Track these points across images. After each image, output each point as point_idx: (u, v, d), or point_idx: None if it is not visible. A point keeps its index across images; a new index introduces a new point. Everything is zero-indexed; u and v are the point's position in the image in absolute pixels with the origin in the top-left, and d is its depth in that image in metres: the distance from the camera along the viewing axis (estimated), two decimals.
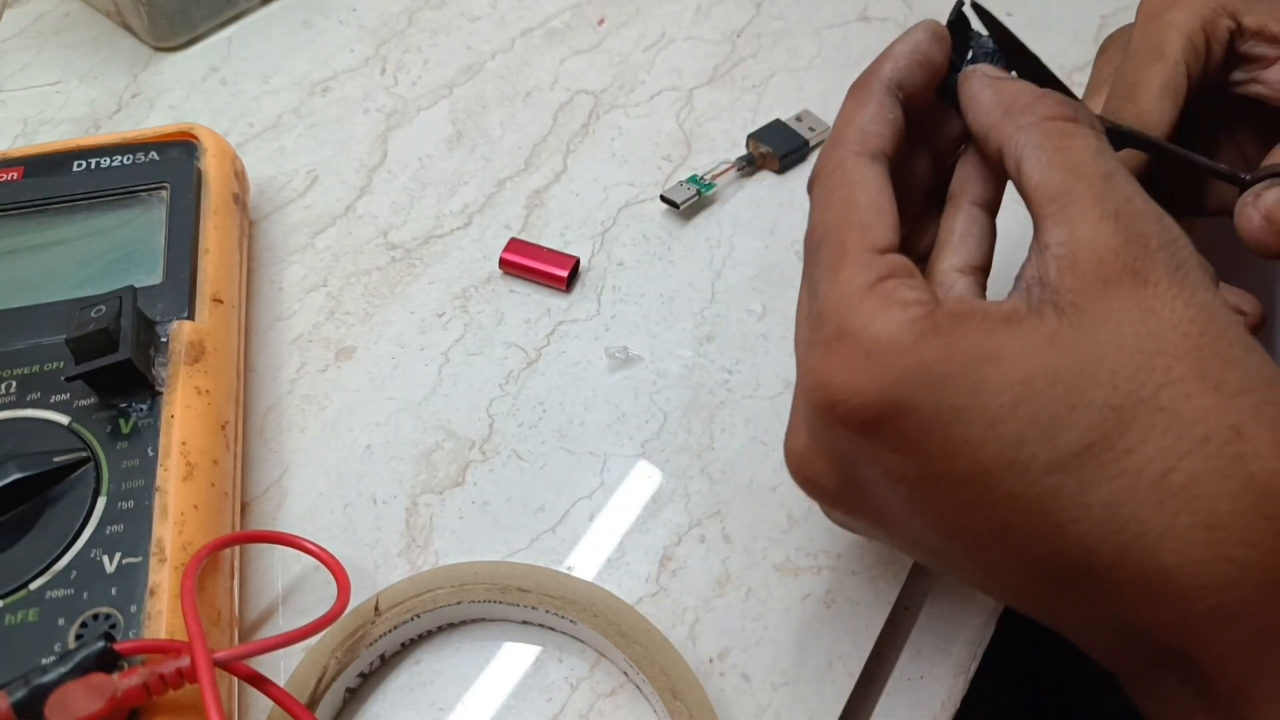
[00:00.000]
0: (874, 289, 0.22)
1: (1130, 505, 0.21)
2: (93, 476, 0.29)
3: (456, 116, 0.46)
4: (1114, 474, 0.21)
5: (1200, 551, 0.20)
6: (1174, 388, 0.21)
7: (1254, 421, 0.21)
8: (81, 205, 0.37)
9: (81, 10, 0.51)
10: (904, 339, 0.22)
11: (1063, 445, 0.21)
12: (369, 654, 0.30)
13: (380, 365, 0.38)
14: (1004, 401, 0.21)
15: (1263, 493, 0.20)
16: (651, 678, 0.28)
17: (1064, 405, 0.21)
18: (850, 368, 0.22)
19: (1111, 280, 0.22)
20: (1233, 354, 0.22)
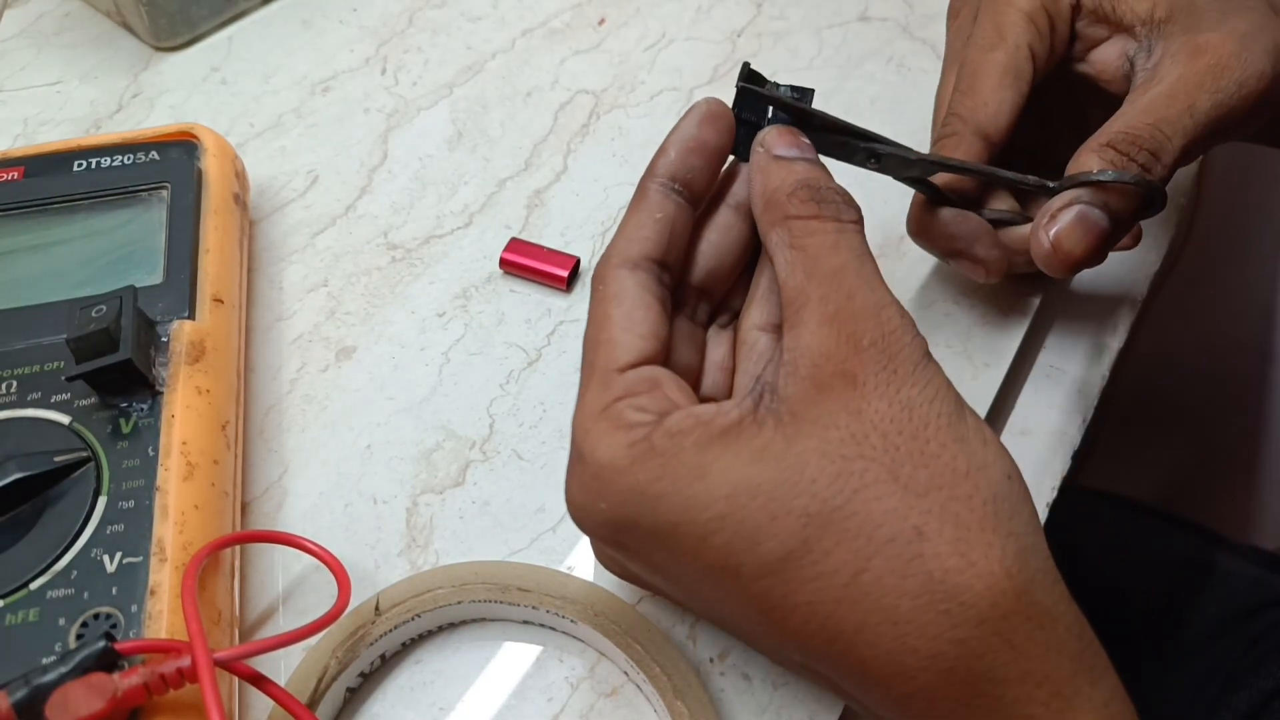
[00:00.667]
0: (605, 413, 0.24)
1: (828, 605, 0.22)
2: (93, 476, 0.29)
3: (457, 116, 0.46)
4: (813, 576, 0.22)
5: (889, 645, 0.22)
6: (867, 491, 0.22)
7: (936, 520, 0.22)
8: (82, 205, 0.37)
9: (81, 10, 0.51)
10: (621, 462, 0.23)
11: (765, 553, 0.22)
12: (369, 653, 0.30)
13: (381, 365, 0.38)
14: (711, 515, 0.23)
15: (939, 590, 0.22)
16: (652, 677, 0.28)
17: (765, 515, 0.22)
18: (584, 488, 0.24)
19: (824, 385, 0.23)
20: (928, 451, 0.23)
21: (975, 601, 0.22)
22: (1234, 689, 0.48)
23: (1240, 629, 0.51)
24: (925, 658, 0.22)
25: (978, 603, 0.22)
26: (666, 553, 0.24)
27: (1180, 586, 0.54)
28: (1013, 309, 0.38)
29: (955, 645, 0.22)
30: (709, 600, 0.25)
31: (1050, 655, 0.22)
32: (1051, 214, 0.30)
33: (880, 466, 0.23)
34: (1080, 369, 0.38)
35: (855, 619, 0.22)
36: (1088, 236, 0.30)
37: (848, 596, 0.22)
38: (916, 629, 0.22)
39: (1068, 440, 0.36)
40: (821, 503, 0.22)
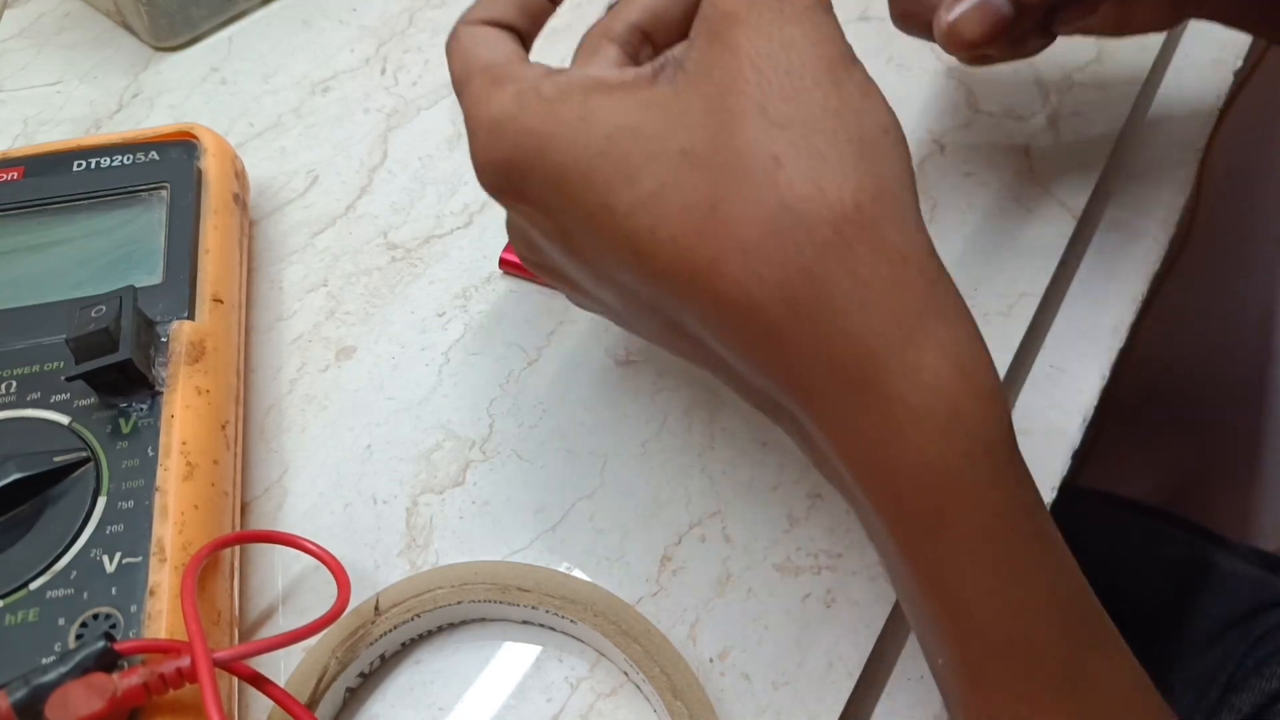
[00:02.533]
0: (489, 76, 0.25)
1: (690, 236, 0.22)
2: (93, 476, 0.29)
3: (457, 116, 0.46)
4: (679, 209, 0.23)
5: (739, 274, 0.22)
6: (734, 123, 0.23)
7: (794, 150, 0.22)
8: (81, 205, 0.37)
9: (81, 10, 0.51)
10: (510, 109, 0.24)
11: (640, 188, 0.23)
12: (369, 654, 0.30)
13: (380, 365, 0.38)
14: (593, 153, 0.23)
15: (786, 217, 0.22)
16: (652, 677, 0.28)
17: (644, 155, 0.23)
18: (480, 144, 0.25)
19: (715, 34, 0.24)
20: (800, 86, 0.23)
21: (820, 227, 0.22)
22: (1235, 690, 0.48)
23: (1241, 630, 0.51)
24: (771, 286, 0.22)
25: (822, 228, 0.22)
26: (553, 197, 0.24)
27: (1181, 587, 0.54)
28: (1013, 309, 0.38)
29: (800, 273, 0.22)
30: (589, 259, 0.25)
31: (895, 290, 0.22)
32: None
33: (749, 100, 0.23)
34: (1080, 369, 0.38)
35: (712, 250, 0.22)
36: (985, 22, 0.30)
37: (706, 227, 0.22)
38: (763, 256, 0.22)
39: (1068, 440, 0.36)
40: (697, 140, 0.23)
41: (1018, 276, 0.39)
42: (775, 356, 0.23)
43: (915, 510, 0.22)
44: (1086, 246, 0.41)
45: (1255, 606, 0.52)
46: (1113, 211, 0.42)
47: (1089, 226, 0.42)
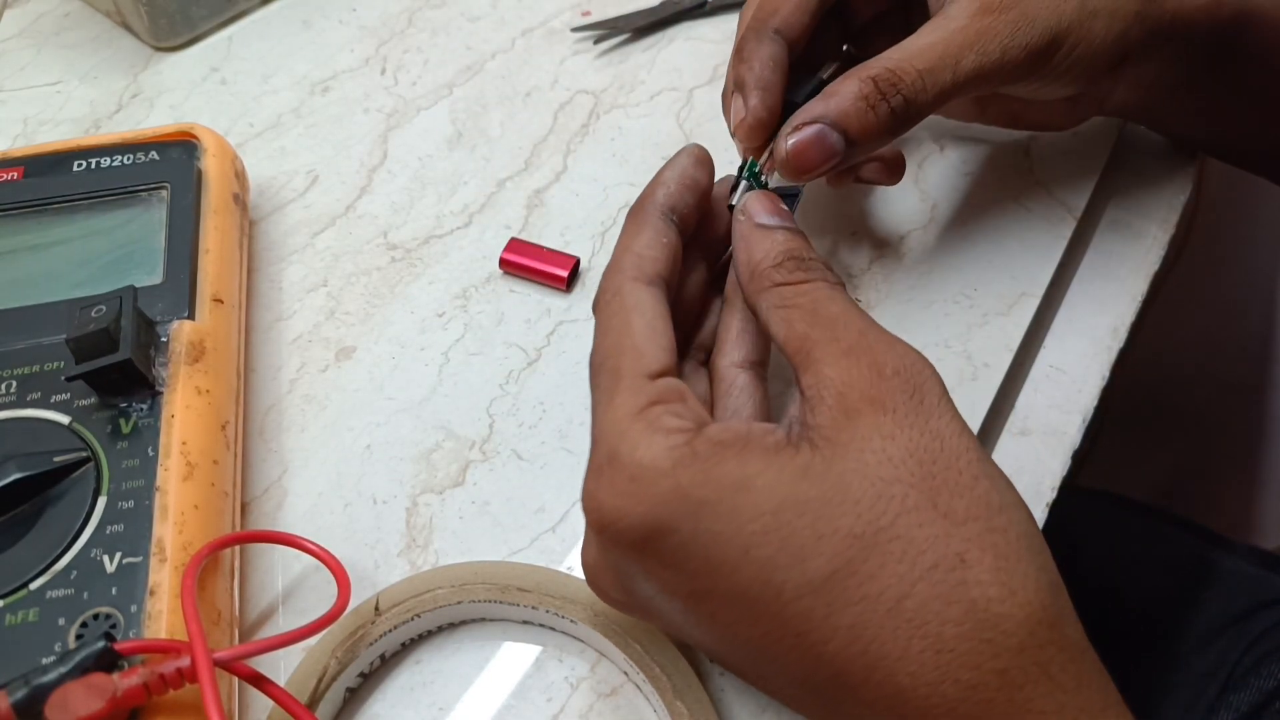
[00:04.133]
0: (641, 415, 0.24)
1: (872, 629, 0.22)
2: (93, 476, 0.29)
3: (456, 116, 0.46)
4: (857, 599, 0.22)
5: (931, 675, 0.22)
6: (909, 516, 0.22)
7: (977, 548, 0.22)
8: (82, 205, 0.37)
9: (81, 10, 0.51)
10: (663, 464, 0.23)
11: (811, 571, 0.22)
12: (369, 654, 0.30)
13: (380, 365, 0.38)
14: (756, 529, 0.22)
15: (982, 618, 0.22)
16: (652, 678, 0.28)
17: (812, 534, 0.22)
18: (617, 491, 0.24)
19: (853, 411, 0.24)
20: (961, 482, 0.23)
21: (1016, 630, 0.22)
22: (1234, 689, 0.48)
23: (1240, 629, 0.51)
24: (966, 688, 0.22)
25: (1018, 631, 0.22)
26: (700, 563, 0.23)
27: (1180, 586, 0.54)
28: (1013, 308, 0.38)
29: (997, 675, 0.22)
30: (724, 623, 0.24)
31: (1082, 689, 0.22)
32: (795, 125, 0.31)
33: (919, 493, 0.23)
34: (1080, 369, 0.38)
35: (899, 645, 0.22)
36: (821, 154, 0.31)
37: (890, 622, 0.22)
38: (960, 658, 0.22)
39: (1067, 440, 0.36)
40: (866, 524, 0.22)
41: (1018, 276, 0.39)
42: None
43: None
44: (1086, 246, 0.41)
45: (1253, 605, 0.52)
46: (1113, 211, 0.42)
47: (1089, 226, 0.42)
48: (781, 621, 0.23)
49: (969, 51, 0.31)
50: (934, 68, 0.31)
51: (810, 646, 0.23)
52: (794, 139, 0.31)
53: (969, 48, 0.31)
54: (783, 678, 0.24)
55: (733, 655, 0.25)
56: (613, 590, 0.27)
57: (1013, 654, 0.22)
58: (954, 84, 0.31)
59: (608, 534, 0.24)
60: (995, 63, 0.31)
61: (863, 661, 0.22)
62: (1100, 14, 0.32)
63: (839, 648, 0.22)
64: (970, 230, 0.41)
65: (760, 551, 0.22)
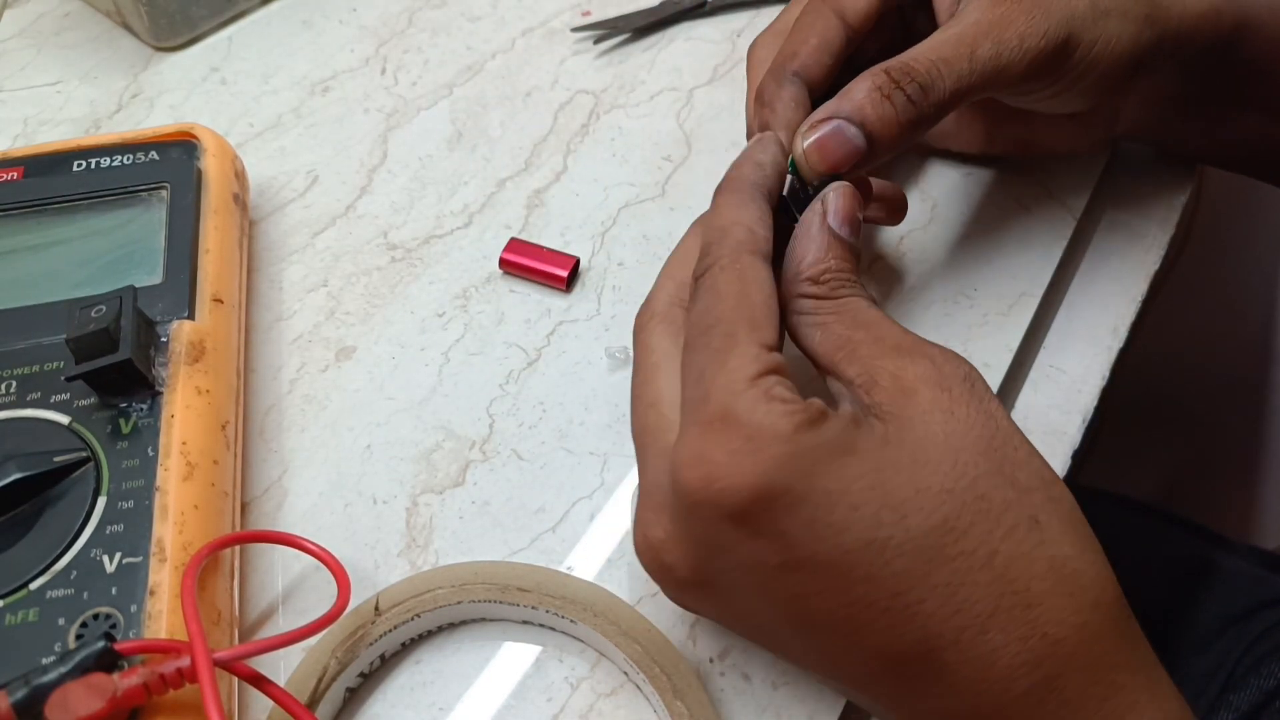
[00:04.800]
0: (758, 381, 0.24)
1: (967, 585, 0.23)
2: (93, 476, 0.29)
3: (457, 116, 0.46)
4: (954, 554, 0.23)
5: (1022, 629, 0.23)
6: (985, 479, 0.23)
7: (1045, 513, 0.24)
8: (81, 205, 0.37)
9: (81, 10, 0.51)
10: (783, 428, 0.23)
11: (913, 526, 0.23)
12: (369, 654, 0.30)
13: (380, 365, 0.38)
14: (862, 485, 0.23)
15: (1062, 574, 0.23)
16: (652, 678, 0.28)
17: (911, 490, 0.23)
18: (732, 449, 0.23)
19: (910, 389, 0.25)
20: (1018, 457, 0.24)
21: (1090, 586, 0.23)
22: (1234, 688, 0.48)
23: (1240, 628, 0.51)
24: (1052, 642, 0.23)
25: (1092, 587, 0.23)
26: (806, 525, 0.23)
27: (1180, 586, 0.54)
28: (1013, 308, 0.38)
29: (1077, 630, 0.23)
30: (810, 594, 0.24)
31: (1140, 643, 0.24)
32: (813, 123, 0.31)
33: (987, 460, 0.24)
34: (1080, 369, 0.38)
35: (990, 602, 0.23)
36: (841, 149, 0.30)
37: (983, 578, 0.23)
38: (1046, 612, 0.23)
39: (1067, 440, 0.36)
40: (953, 480, 0.23)
41: (1018, 276, 0.39)
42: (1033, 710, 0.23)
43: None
44: (1086, 246, 0.41)
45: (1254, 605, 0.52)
46: (1113, 211, 0.42)
47: (1089, 226, 0.42)
48: (878, 583, 0.23)
49: (985, 40, 0.31)
50: (949, 57, 0.31)
51: (904, 608, 0.23)
52: (812, 136, 0.30)
53: (985, 36, 0.31)
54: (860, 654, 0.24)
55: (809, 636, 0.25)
56: (679, 567, 0.26)
57: (1090, 609, 0.23)
58: (971, 72, 0.31)
59: (709, 494, 0.23)
60: (1013, 51, 0.31)
61: (955, 621, 0.23)
62: (1112, 14, 0.32)
63: (934, 607, 0.23)
64: (970, 230, 0.41)
65: (866, 510, 0.23)
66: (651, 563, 0.27)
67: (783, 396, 0.24)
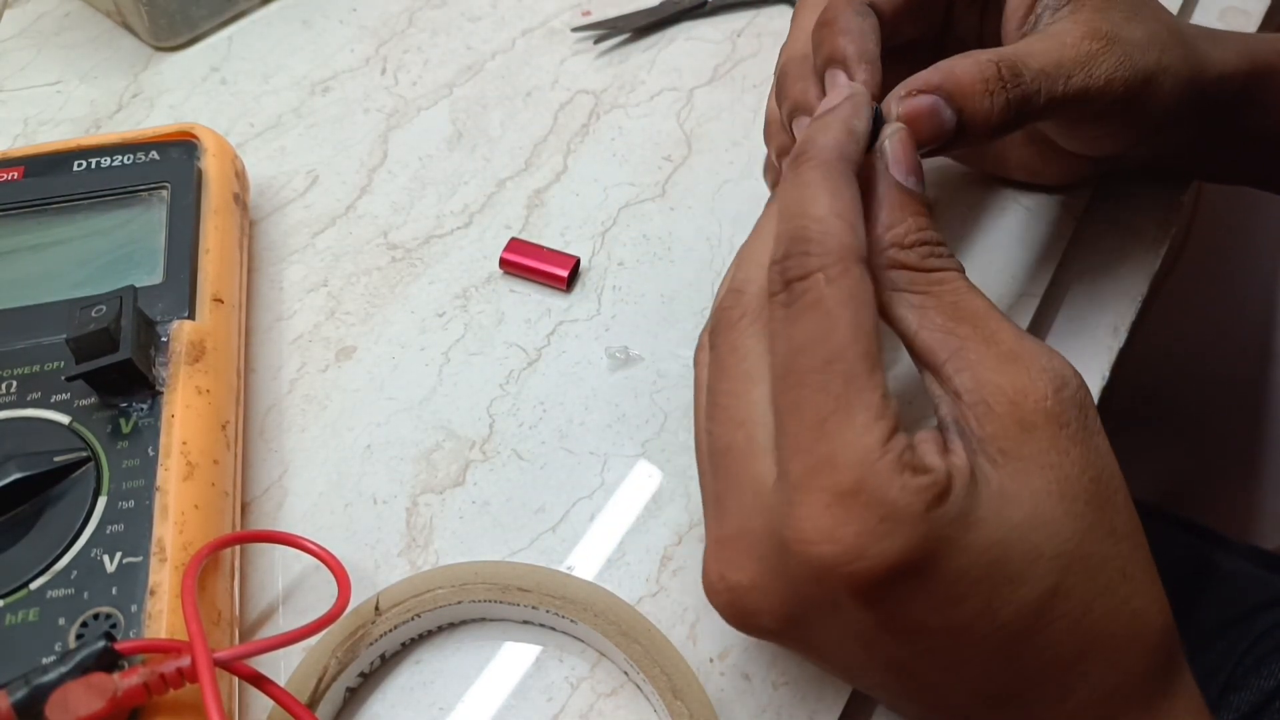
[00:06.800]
0: (888, 446, 0.22)
1: (1059, 645, 0.23)
2: (93, 476, 0.29)
3: (457, 116, 0.46)
4: (1056, 617, 0.23)
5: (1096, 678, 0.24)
6: (1089, 534, 0.23)
7: (1133, 564, 0.24)
8: (82, 205, 0.37)
9: (81, 10, 0.51)
10: (918, 508, 0.22)
11: (1024, 596, 0.23)
12: (369, 653, 0.30)
13: (380, 365, 0.38)
14: (986, 561, 0.23)
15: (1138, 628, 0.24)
16: (652, 677, 0.28)
17: (1026, 560, 0.23)
18: (866, 530, 0.22)
19: (1028, 424, 0.23)
20: (1119, 500, 0.24)
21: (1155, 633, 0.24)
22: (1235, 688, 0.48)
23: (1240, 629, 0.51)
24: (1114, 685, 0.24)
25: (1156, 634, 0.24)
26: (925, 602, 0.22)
27: (1181, 587, 0.54)
28: (1013, 309, 0.38)
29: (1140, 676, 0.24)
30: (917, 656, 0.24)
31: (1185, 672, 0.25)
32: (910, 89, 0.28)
33: (1093, 510, 0.23)
34: (1080, 368, 0.37)
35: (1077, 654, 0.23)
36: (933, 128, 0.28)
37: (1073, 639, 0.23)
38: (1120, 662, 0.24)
39: None
40: (1061, 544, 0.23)
41: (1018, 278, 0.39)
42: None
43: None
44: (1086, 247, 0.41)
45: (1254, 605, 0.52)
46: (1113, 211, 0.42)
47: (1089, 226, 0.42)
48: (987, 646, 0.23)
49: (1079, 70, 0.30)
50: (1050, 73, 0.30)
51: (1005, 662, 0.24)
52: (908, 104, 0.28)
53: (1079, 66, 0.30)
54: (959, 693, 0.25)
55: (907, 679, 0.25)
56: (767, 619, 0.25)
57: (1151, 652, 0.24)
58: (1062, 95, 0.30)
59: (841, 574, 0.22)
60: (1099, 89, 0.30)
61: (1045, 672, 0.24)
62: (1170, 71, 0.32)
63: (1030, 661, 0.23)
64: (970, 230, 0.41)
65: (987, 584, 0.23)
66: (730, 605, 0.25)
67: (914, 465, 0.22)
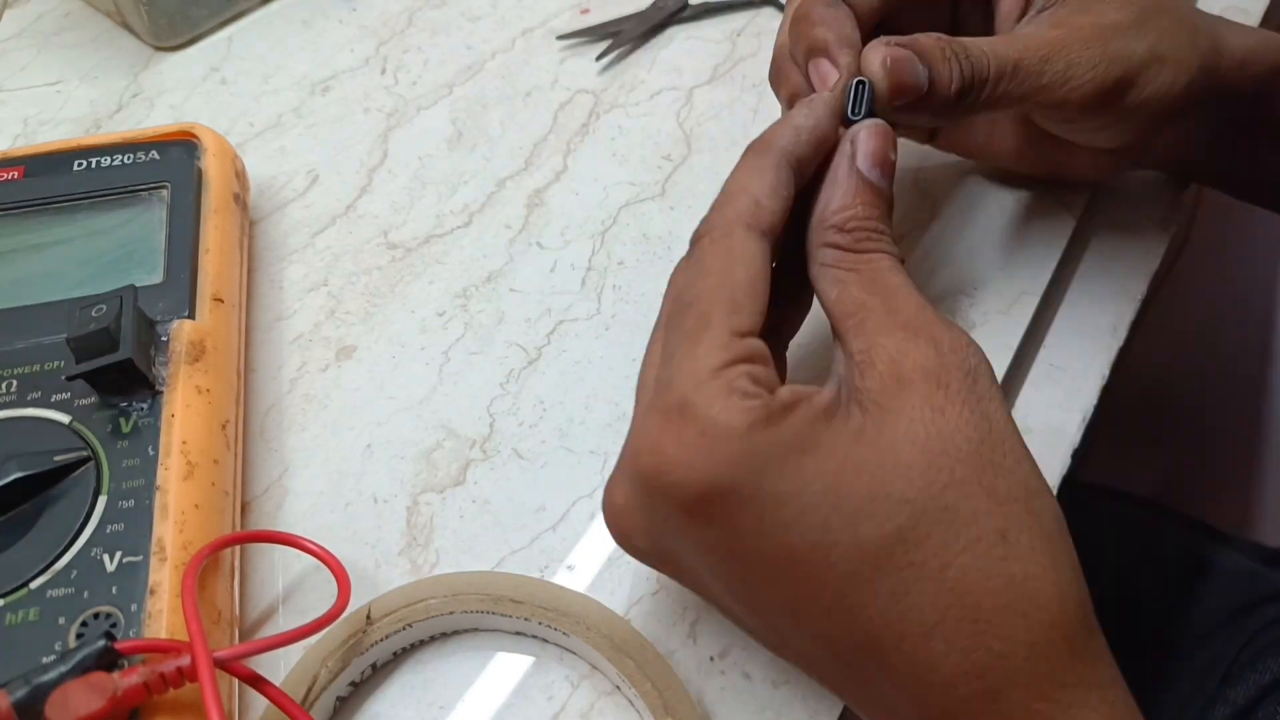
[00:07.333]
0: (722, 372, 0.23)
1: (913, 595, 0.23)
2: (93, 476, 0.30)
3: (457, 116, 0.46)
4: (903, 564, 0.23)
5: (965, 641, 0.22)
6: (956, 488, 0.23)
7: (1016, 527, 0.23)
8: (82, 205, 0.37)
9: (81, 10, 0.51)
10: (737, 425, 0.23)
11: (863, 535, 0.23)
12: (360, 662, 0.30)
13: (381, 364, 0.38)
14: (815, 489, 0.23)
15: (1020, 592, 0.23)
16: (643, 693, 0.28)
17: (867, 497, 0.23)
18: (685, 443, 0.23)
19: (906, 380, 0.24)
20: (1005, 464, 0.24)
21: (1049, 605, 0.23)
22: (1231, 683, 0.49)
23: (1238, 624, 0.51)
24: (996, 656, 0.22)
25: (1050, 607, 0.23)
26: (753, 524, 0.23)
27: (1179, 581, 0.54)
28: (1013, 307, 0.38)
29: (1026, 647, 0.23)
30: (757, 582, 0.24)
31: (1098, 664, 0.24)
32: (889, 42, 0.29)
33: (965, 468, 0.23)
34: (1080, 367, 0.38)
35: (936, 612, 0.22)
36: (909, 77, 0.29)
37: (932, 589, 0.22)
38: (994, 627, 0.22)
39: (1068, 439, 0.36)
40: (917, 490, 0.23)
41: (1018, 276, 0.39)
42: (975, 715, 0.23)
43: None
44: (1086, 247, 0.41)
45: (1251, 600, 0.52)
46: (1113, 211, 0.42)
47: (1089, 226, 0.42)
48: (823, 584, 0.23)
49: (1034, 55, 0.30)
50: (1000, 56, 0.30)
51: (847, 609, 0.23)
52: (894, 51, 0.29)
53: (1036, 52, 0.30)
54: (807, 639, 0.24)
55: (755, 614, 0.25)
56: (636, 537, 0.26)
57: (1044, 628, 0.23)
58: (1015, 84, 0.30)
59: (660, 483, 0.23)
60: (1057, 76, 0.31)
61: (899, 627, 0.23)
62: (1168, 62, 0.32)
63: (877, 612, 0.23)
64: (970, 229, 0.41)
65: (815, 515, 0.23)
66: (612, 526, 0.27)
67: (744, 390, 0.23)
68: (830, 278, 0.26)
